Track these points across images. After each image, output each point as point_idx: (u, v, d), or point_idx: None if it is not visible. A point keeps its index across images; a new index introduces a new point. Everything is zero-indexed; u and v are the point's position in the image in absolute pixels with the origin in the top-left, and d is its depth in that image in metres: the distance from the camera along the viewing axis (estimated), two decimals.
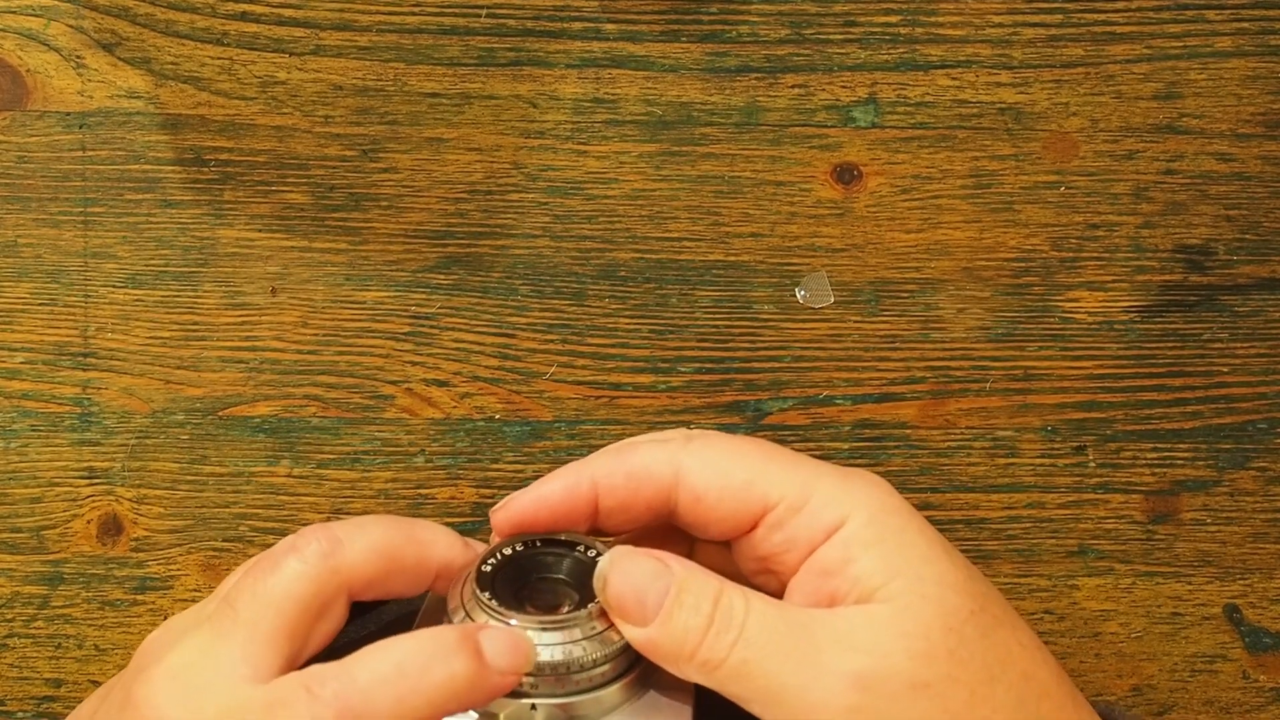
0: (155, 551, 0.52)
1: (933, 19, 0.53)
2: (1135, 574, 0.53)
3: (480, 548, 0.41)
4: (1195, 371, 0.53)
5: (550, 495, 0.40)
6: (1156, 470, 0.53)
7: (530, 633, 0.38)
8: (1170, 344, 0.53)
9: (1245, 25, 0.53)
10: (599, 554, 0.40)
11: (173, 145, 0.52)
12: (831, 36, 0.53)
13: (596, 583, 0.38)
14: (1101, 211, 0.53)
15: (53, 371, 0.52)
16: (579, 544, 0.40)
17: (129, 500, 0.52)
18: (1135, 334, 0.53)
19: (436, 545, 0.40)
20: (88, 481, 0.52)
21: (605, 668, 0.38)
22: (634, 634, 0.38)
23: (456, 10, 0.52)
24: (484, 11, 0.53)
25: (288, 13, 0.52)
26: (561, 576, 0.40)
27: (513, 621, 0.38)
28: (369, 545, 0.39)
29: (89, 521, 0.52)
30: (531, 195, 0.53)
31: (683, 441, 0.40)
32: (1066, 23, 0.53)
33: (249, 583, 0.39)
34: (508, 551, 0.40)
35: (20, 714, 0.52)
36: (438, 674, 0.36)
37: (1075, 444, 0.53)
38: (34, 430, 0.52)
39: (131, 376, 0.52)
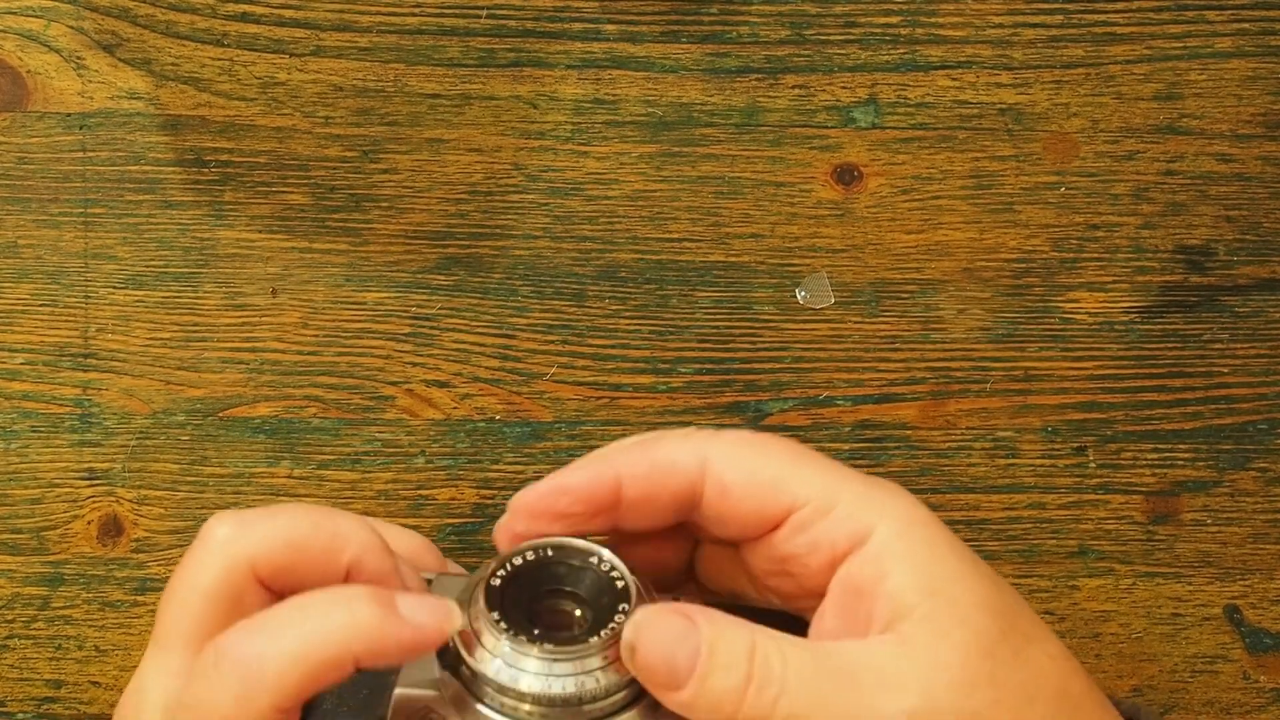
0: (156, 552, 0.52)
1: (933, 20, 0.53)
2: (1135, 574, 0.53)
3: (407, 575, 0.39)
4: (1195, 372, 0.53)
5: (574, 485, 0.39)
6: (1157, 471, 0.53)
7: (542, 663, 0.37)
8: (1170, 344, 0.53)
9: (1245, 26, 0.53)
10: (613, 568, 0.38)
11: (173, 146, 0.52)
12: (832, 37, 0.53)
13: (624, 652, 0.37)
14: (1102, 212, 0.53)
15: (53, 372, 0.52)
16: (592, 553, 0.39)
17: (129, 501, 0.52)
18: (1135, 334, 0.53)
19: (350, 540, 0.39)
20: (88, 482, 0.52)
21: (619, 696, 0.37)
22: (669, 698, 0.37)
23: (456, 11, 0.53)
24: (484, 12, 0.53)
25: (288, 14, 0.52)
26: (573, 590, 0.39)
27: (521, 648, 0.37)
28: (273, 533, 0.38)
29: (89, 522, 0.52)
30: (532, 196, 0.53)
31: (710, 435, 0.40)
32: (1067, 23, 0.53)
33: (165, 593, 0.39)
34: (517, 562, 0.39)
35: (20, 715, 0.52)
36: (338, 617, 0.36)
37: (1076, 444, 0.53)
38: (34, 431, 0.52)
39: (132, 377, 0.52)
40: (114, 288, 0.52)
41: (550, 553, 0.39)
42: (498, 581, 0.38)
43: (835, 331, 0.53)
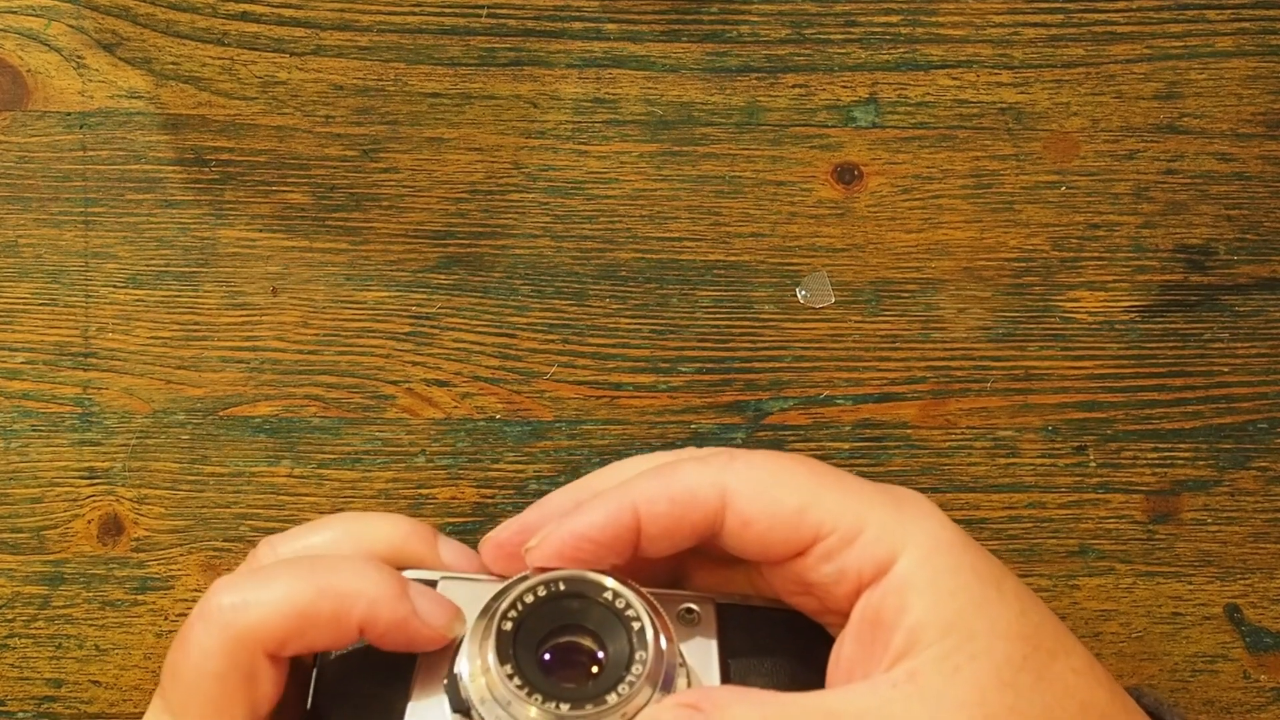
0: (156, 551, 0.52)
1: (933, 19, 0.53)
2: (1136, 574, 0.53)
3: (427, 597, 0.38)
4: (1196, 371, 0.53)
5: (592, 529, 0.38)
6: (1157, 470, 0.53)
7: None
8: (1171, 344, 0.53)
9: (1246, 25, 0.53)
10: (629, 605, 0.38)
11: (173, 145, 0.52)
12: (832, 36, 0.53)
13: None
14: (1102, 211, 0.53)
15: (53, 371, 0.52)
16: (606, 588, 0.38)
17: (130, 500, 0.52)
18: (1136, 334, 0.53)
19: (360, 599, 0.37)
20: (88, 481, 0.52)
21: None
22: None
23: (457, 10, 0.52)
24: (484, 11, 0.53)
25: (288, 13, 0.52)
26: (588, 627, 0.38)
27: (535, 706, 0.36)
28: (275, 605, 0.37)
29: (89, 521, 0.52)
30: (532, 195, 0.53)
31: (726, 461, 0.38)
32: (1067, 23, 0.53)
33: (170, 664, 0.38)
34: (529, 600, 0.38)
35: (20, 714, 0.52)
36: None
37: (1076, 444, 0.53)
38: (34, 430, 0.52)
39: (132, 376, 0.52)
40: (114, 287, 0.52)
41: (562, 586, 0.38)
42: (509, 625, 0.37)
43: (835, 331, 0.53)
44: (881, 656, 0.37)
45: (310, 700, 0.40)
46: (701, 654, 0.39)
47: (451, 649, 0.38)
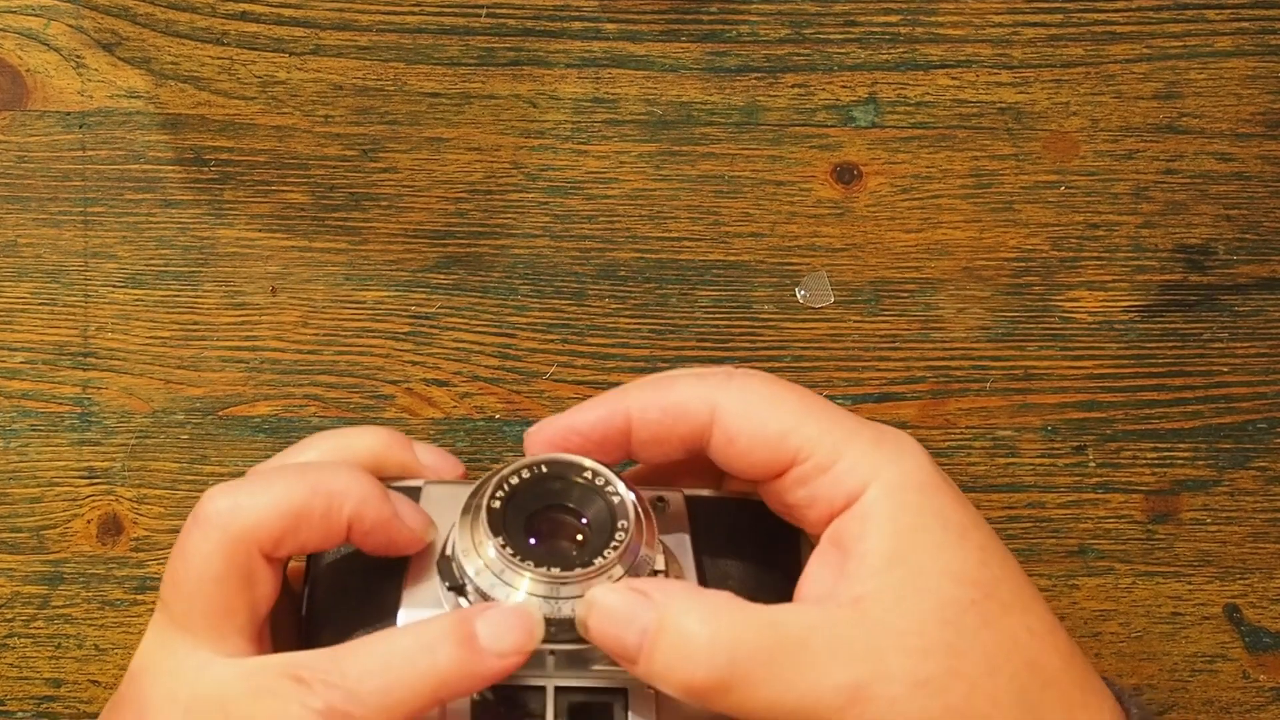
0: (155, 551, 0.52)
1: (933, 19, 0.53)
2: (1135, 574, 0.53)
3: (404, 503, 0.40)
4: (1195, 371, 0.53)
5: (584, 425, 0.40)
6: (1156, 470, 0.53)
7: (548, 587, 0.37)
8: (1170, 344, 0.53)
9: (1245, 25, 0.53)
10: (608, 482, 0.39)
11: (173, 145, 0.52)
12: (831, 36, 0.53)
13: (578, 626, 0.38)
14: (1101, 211, 0.53)
15: (53, 371, 0.52)
16: (585, 468, 0.40)
17: (129, 500, 0.52)
18: (1135, 334, 0.53)
19: (348, 498, 0.39)
20: (88, 481, 0.52)
21: None
22: (627, 669, 0.37)
23: (456, 10, 0.52)
24: (484, 11, 0.53)
25: (288, 12, 0.52)
26: (572, 506, 0.40)
27: (526, 572, 0.37)
28: (269, 505, 0.38)
29: (89, 521, 0.52)
30: (531, 195, 0.53)
31: (723, 380, 0.40)
32: (1066, 22, 0.53)
33: (169, 576, 0.39)
34: (514, 481, 0.39)
35: (20, 714, 0.52)
36: (422, 665, 0.36)
37: (1075, 444, 0.53)
38: (34, 430, 0.52)
39: (131, 376, 0.52)
40: (113, 286, 0.52)
41: (545, 469, 0.40)
42: (497, 504, 0.39)
43: (835, 331, 0.53)
44: (837, 579, 0.38)
45: (305, 604, 0.41)
46: (675, 540, 0.41)
47: (436, 546, 0.40)
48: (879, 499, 0.38)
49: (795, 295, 0.53)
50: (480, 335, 0.53)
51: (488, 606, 0.38)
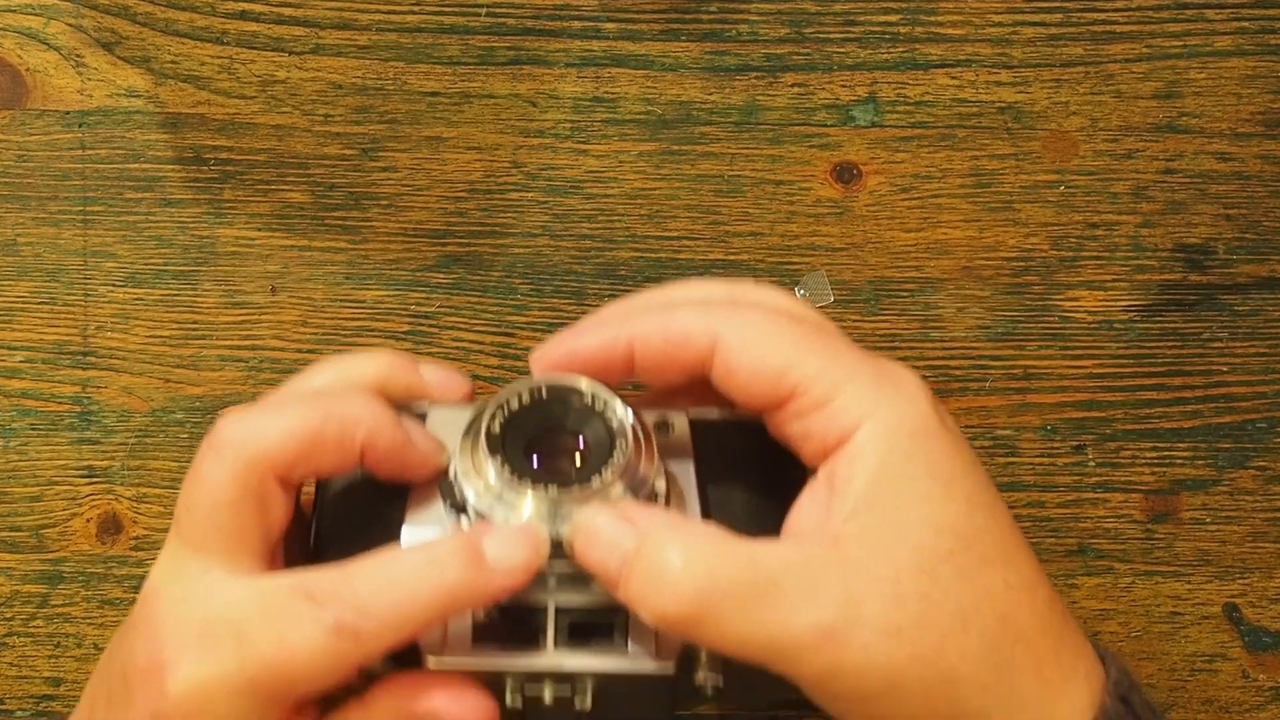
0: (155, 550, 0.52)
1: (933, 18, 0.53)
2: (1135, 573, 0.53)
3: (415, 429, 0.40)
4: (1195, 371, 0.53)
5: (585, 350, 0.40)
6: (1156, 469, 0.53)
7: (547, 506, 0.38)
8: (1170, 343, 0.53)
9: (1245, 25, 0.53)
10: (608, 404, 0.40)
11: (172, 144, 0.52)
12: (831, 36, 0.53)
13: (566, 547, 0.38)
14: (1101, 211, 0.53)
15: (52, 370, 0.52)
16: (585, 391, 0.40)
17: (128, 499, 0.52)
18: (1135, 333, 0.53)
19: (361, 423, 0.39)
20: (87, 480, 0.52)
21: None
22: (611, 592, 0.38)
23: (456, 9, 0.53)
24: (483, 10, 0.53)
25: (287, 12, 0.52)
26: (572, 428, 0.40)
27: (526, 491, 0.38)
28: (284, 430, 0.39)
29: (88, 520, 0.52)
30: (531, 194, 0.53)
31: (726, 310, 0.40)
32: (1066, 22, 0.53)
33: (184, 500, 0.39)
34: (514, 405, 0.40)
35: (19, 713, 0.52)
36: (431, 582, 0.37)
37: (1075, 443, 0.53)
38: (34, 429, 0.52)
39: (131, 375, 0.52)
40: (113, 286, 0.52)
41: (546, 392, 0.40)
42: (497, 428, 0.39)
43: None
44: (822, 518, 0.38)
45: (314, 527, 0.42)
46: (679, 462, 0.41)
47: (451, 478, 0.40)
48: (870, 440, 0.38)
49: (795, 294, 0.53)
50: (480, 334, 0.53)
51: (494, 526, 0.38)
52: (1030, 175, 0.53)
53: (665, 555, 0.37)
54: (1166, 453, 0.53)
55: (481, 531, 0.38)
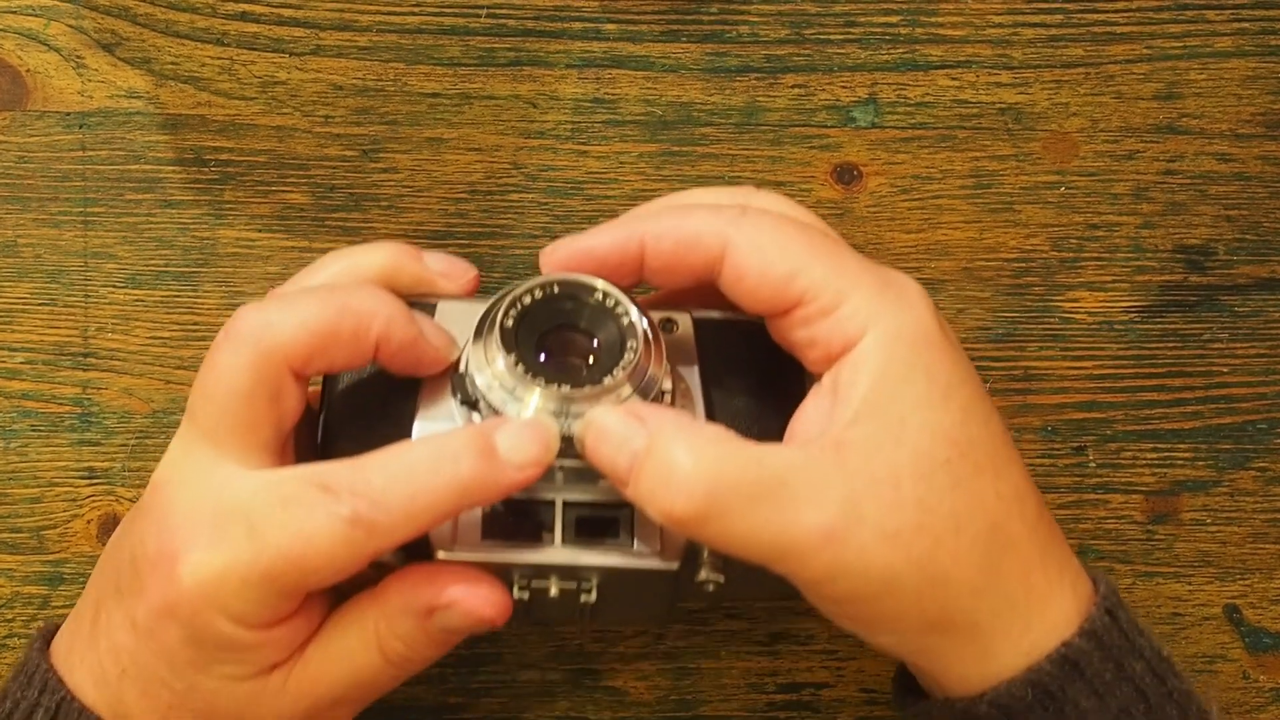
0: None
1: (933, 19, 0.53)
2: (1135, 574, 0.53)
3: (427, 323, 0.41)
4: (1195, 371, 0.53)
5: (598, 249, 0.41)
6: (1156, 470, 0.53)
7: (558, 403, 0.38)
8: (1170, 344, 0.53)
9: (1245, 25, 0.53)
10: (619, 303, 0.40)
11: (173, 145, 0.52)
12: (831, 36, 0.53)
13: (577, 444, 0.39)
14: (1101, 212, 0.53)
15: (53, 371, 0.52)
16: (596, 289, 0.40)
17: (129, 500, 0.52)
18: (1135, 334, 0.53)
19: (376, 317, 0.40)
20: (88, 481, 0.52)
21: None
22: (620, 489, 0.38)
23: (456, 10, 0.53)
24: (484, 11, 0.53)
25: (288, 13, 0.52)
26: (584, 326, 0.41)
27: (538, 388, 0.38)
28: (300, 323, 0.39)
29: (89, 521, 0.52)
30: (531, 195, 0.53)
31: (736, 215, 0.41)
32: (1066, 23, 0.53)
33: (199, 387, 0.40)
34: (527, 300, 0.40)
35: None
36: (445, 474, 0.37)
37: (1075, 444, 0.53)
38: (34, 430, 0.52)
39: (131, 377, 0.52)
40: (113, 287, 0.52)
41: (558, 289, 0.41)
42: (510, 322, 0.40)
43: None
44: (826, 424, 0.39)
45: (322, 422, 0.42)
46: (683, 360, 0.42)
47: (450, 368, 0.41)
48: (872, 348, 0.39)
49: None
50: None
51: (506, 420, 0.39)
52: (1031, 176, 0.53)
53: (674, 454, 0.37)
54: (1167, 454, 0.53)
55: (494, 425, 0.38)
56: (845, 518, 0.37)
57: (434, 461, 0.37)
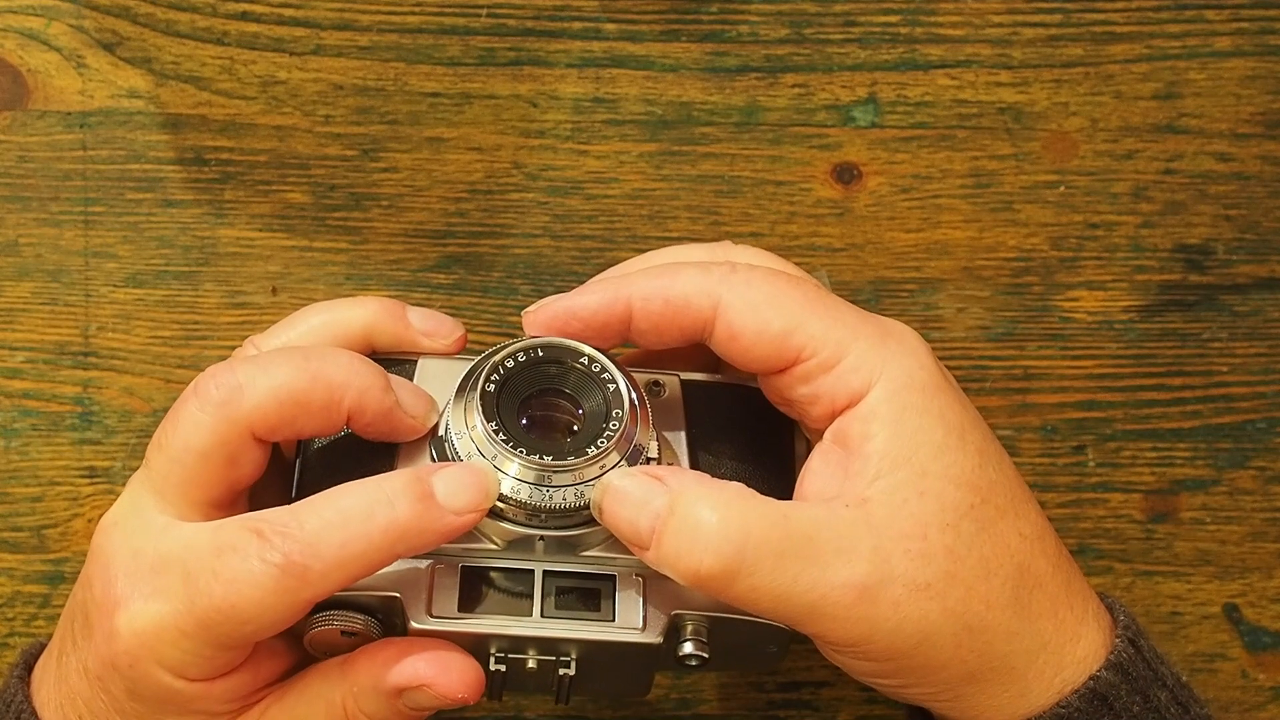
0: None
1: (933, 19, 0.53)
2: (1135, 573, 0.53)
3: (406, 388, 0.40)
4: (1194, 371, 0.53)
5: (583, 310, 0.40)
6: (1156, 469, 0.53)
7: (538, 474, 0.38)
8: (1170, 343, 0.53)
9: (1245, 25, 0.53)
10: (604, 369, 0.39)
11: (173, 145, 0.52)
12: (831, 36, 0.53)
13: (593, 509, 0.38)
14: (1101, 211, 0.53)
15: (53, 371, 0.52)
16: (582, 354, 0.40)
17: None
18: (1135, 333, 0.53)
19: (349, 389, 0.38)
20: (88, 481, 0.52)
21: None
22: (638, 555, 0.38)
23: (456, 10, 0.53)
24: (484, 11, 0.53)
25: (288, 12, 0.52)
26: (568, 392, 0.40)
27: (517, 464, 0.38)
28: (269, 391, 0.38)
29: (90, 521, 0.52)
30: (532, 195, 0.53)
31: (726, 273, 0.40)
32: (1066, 23, 0.53)
33: (157, 438, 0.39)
34: (510, 365, 0.39)
35: None
36: (380, 519, 0.36)
37: (1075, 443, 0.53)
38: (35, 429, 0.52)
39: (132, 376, 0.52)
40: (114, 286, 0.52)
41: (541, 353, 0.40)
42: (491, 388, 0.39)
43: None
44: (842, 478, 0.39)
45: (296, 485, 0.41)
46: (670, 425, 0.41)
47: (443, 436, 0.40)
48: (883, 400, 0.39)
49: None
50: (480, 335, 0.53)
51: (444, 465, 0.38)
52: (1030, 176, 0.53)
53: (699, 512, 0.37)
54: (1166, 453, 0.53)
55: (431, 469, 0.38)
56: (877, 574, 0.37)
57: (369, 505, 0.36)
